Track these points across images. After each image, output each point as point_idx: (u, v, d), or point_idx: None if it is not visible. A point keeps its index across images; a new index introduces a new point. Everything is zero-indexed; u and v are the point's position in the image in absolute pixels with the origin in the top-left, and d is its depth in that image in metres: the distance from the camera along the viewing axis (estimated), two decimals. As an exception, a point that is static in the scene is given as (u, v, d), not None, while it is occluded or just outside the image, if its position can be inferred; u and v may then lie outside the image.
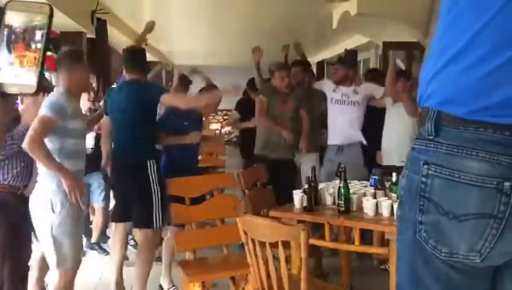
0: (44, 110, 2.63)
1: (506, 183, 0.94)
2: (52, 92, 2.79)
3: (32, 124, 2.60)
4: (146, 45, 8.48)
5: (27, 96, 2.49)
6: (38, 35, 0.65)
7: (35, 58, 0.64)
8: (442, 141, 1.00)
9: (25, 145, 2.57)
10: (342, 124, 4.29)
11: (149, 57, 8.16)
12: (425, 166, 1.02)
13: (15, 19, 0.65)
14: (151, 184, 3.33)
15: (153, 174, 3.34)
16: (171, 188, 3.26)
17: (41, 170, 2.70)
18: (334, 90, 4.37)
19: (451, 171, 0.98)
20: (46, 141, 2.64)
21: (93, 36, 5.50)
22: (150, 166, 3.34)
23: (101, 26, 5.54)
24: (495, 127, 0.95)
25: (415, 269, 1.07)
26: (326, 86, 4.51)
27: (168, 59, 10.34)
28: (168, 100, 3.44)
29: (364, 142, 4.28)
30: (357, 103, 4.30)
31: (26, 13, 0.65)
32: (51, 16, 0.66)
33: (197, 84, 4.52)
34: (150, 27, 4.71)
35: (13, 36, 0.64)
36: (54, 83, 4.13)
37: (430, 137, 1.02)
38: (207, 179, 3.72)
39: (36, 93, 0.66)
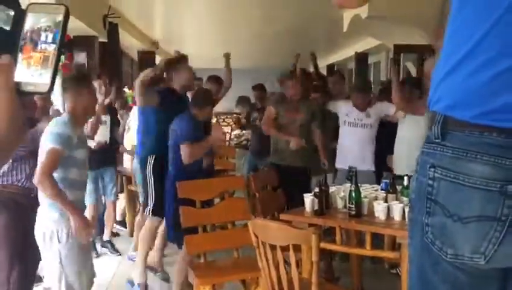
0: (51, 143, 2.55)
1: (510, 187, 0.95)
2: (55, 119, 2.71)
3: (40, 159, 2.55)
4: (157, 48, 8.57)
5: (42, 95, 2.53)
6: (44, 36, 0.67)
7: (40, 58, 0.66)
8: (448, 144, 1.02)
9: (35, 180, 2.53)
10: (354, 147, 4.23)
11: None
12: (432, 169, 1.03)
13: (29, 21, 0.67)
14: (147, 176, 3.83)
15: (150, 168, 3.79)
16: (182, 191, 3.27)
17: (43, 199, 2.63)
18: (347, 115, 4.31)
19: (456, 174, 0.99)
20: None
21: (105, 40, 5.56)
22: (148, 161, 3.80)
23: (112, 30, 5.60)
24: (500, 131, 0.96)
25: (424, 271, 1.09)
26: (341, 108, 4.39)
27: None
28: None
29: (373, 169, 4.22)
30: (370, 126, 4.25)
31: (38, 14, 0.67)
32: (66, 16, 0.67)
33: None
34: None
35: (23, 38, 0.67)
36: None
37: (437, 141, 1.04)
38: (217, 182, 3.72)
39: (49, 92, 0.67)
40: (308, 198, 3.08)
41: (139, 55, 8.23)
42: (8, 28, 0.66)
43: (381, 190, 3.24)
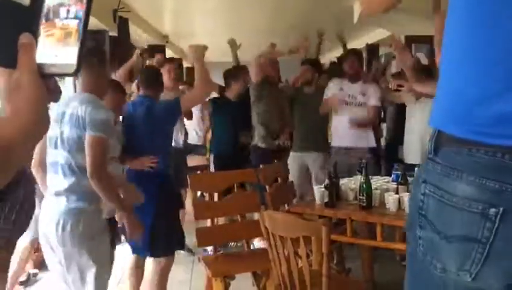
0: (96, 131, 2.30)
1: (492, 210, 0.93)
2: (85, 102, 2.36)
3: (89, 150, 2.29)
4: (167, 42, 8.57)
5: (67, 77, 2.08)
6: (64, 11, 0.62)
7: (61, 36, 0.61)
8: (439, 161, 1.02)
9: (91, 176, 2.27)
10: (348, 126, 4.20)
11: (170, 54, 8.24)
12: (423, 184, 1.04)
13: None
14: None
15: None
16: (193, 185, 3.29)
17: (51, 187, 2.41)
18: (342, 89, 4.27)
19: (442, 193, 0.99)
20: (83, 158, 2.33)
21: (116, 34, 5.58)
22: None
23: (123, 25, 5.61)
24: (487, 148, 0.94)
25: (419, 280, 1.09)
26: (332, 86, 4.37)
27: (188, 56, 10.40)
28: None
29: (374, 145, 4.21)
30: (365, 104, 4.21)
31: None
32: None
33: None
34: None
35: (44, 14, 0.61)
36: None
37: (430, 156, 1.04)
38: (228, 174, 3.74)
39: (76, 73, 0.61)
40: (318, 190, 3.07)
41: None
42: (26, 3, 0.59)
43: (392, 181, 3.23)
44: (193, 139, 5.35)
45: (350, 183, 3.20)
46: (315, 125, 4.48)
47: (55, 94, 2.65)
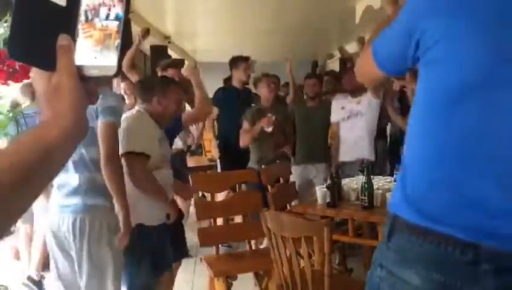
0: (108, 117, 2.19)
1: None
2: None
3: (101, 138, 2.18)
4: (169, 42, 8.59)
5: (108, 79, 2.17)
6: (103, 12, 0.59)
7: (101, 37, 0.59)
8: (391, 246, 1.03)
9: (106, 163, 2.18)
10: (352, 140, 4.17)
11: (172, 55, 8.25)
12: (379, 268, 1.05)
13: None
14: None
15: None
16: (195, 185, 3.29)
17: (59, 185, 2.29)
18: (343, 108, 4.22)
19: (396, 279, 1.00)
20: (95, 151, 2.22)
21: (118, 35, 5.58)
22: None
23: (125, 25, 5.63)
24: (434, 236, 0.95)
25: None
26: (338, 101, 4.32)
27: (191, 57, 10.41)
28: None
29: (373, 158, 4.11)
30: (361, 114, 4.12)
31: None
32: None
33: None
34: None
35: (82, 17, 0.60)
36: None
37: (385, 241, 1.05)
38: (229, 175, 3.74)
39: (117, 75, 0.60)
40: (320, 190, 3.08)
41: (152, 50, 8.26)
42: (63, 4, 0.58)
43: (394, 181, 3.23)
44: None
45: (352, 184, 3.20)
46: (318, 139, 4.43)
47: (93, 97, 2.62)
